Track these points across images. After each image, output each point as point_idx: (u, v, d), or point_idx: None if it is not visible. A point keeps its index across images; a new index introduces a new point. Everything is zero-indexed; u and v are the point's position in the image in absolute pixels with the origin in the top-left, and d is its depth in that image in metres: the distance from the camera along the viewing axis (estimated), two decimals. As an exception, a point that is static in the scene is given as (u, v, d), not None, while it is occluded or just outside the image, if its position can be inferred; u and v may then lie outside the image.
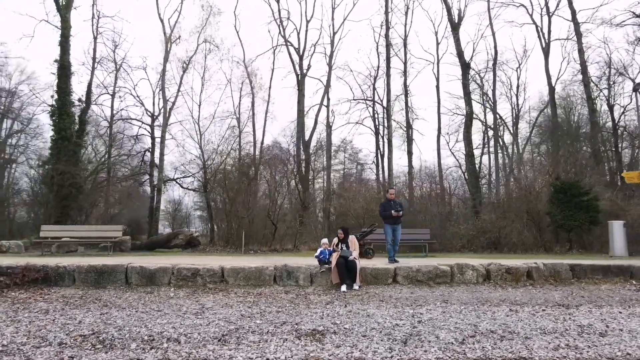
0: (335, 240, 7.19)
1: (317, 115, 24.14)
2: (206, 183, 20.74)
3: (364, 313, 4.86)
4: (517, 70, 25.89)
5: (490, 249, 14.15)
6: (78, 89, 21.22)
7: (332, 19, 24.47)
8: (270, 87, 24.78)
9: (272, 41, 29.88)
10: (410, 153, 23.97)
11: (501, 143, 25.83)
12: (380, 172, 25.40)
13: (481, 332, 4.09)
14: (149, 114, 23.19)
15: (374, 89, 25.46)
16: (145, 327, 4.18)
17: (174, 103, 23.22)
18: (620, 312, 4.97)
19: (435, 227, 15.10)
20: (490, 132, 25.21)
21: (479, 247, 14.36)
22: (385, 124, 23.77)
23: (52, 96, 18.72)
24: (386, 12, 22.48)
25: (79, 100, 19.78)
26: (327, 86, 24.26)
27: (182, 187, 22.57)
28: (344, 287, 6.39)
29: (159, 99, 23.03)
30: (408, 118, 24.37)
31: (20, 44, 27.25)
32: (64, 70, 17.66)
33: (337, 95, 25.87)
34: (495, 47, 23.02)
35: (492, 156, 25.77)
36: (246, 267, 6.84)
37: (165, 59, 22.63)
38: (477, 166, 21.57)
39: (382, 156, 25.00)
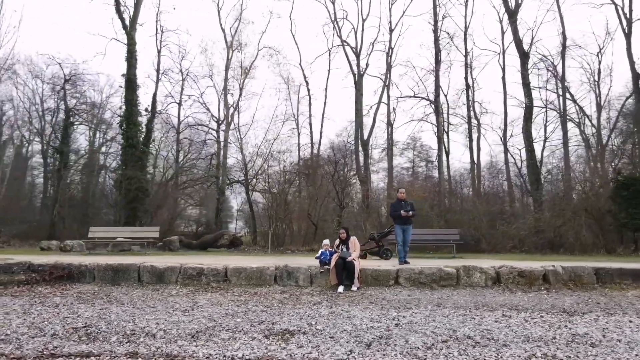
0: (337, 241, 7.26)
1: (375, 114, 24.17)
2: (247, 185, 21.67)
3: (346, 314, 4.92)
4: (598, 56, 23.72)
5: (545, 250, 13.34)
6: (145, 100, 23.31)
7: (390, 15, 24.41)
8: (326, 89, 25.45)
9: (327, 43, 30.68)
10: (471, 149, 23.24)
11: (580, 134, 23.89)
12: (445, 169, 24.83)
13: (456, 338, 4.00)
14: (215, 119, 24.46)
15: (437, 84, 24.59)
16: (133, 322, 4.56)
17: (236, 108, 24.36)
18: (631, 321, 4.58)
19: (483, 227, 14.51)
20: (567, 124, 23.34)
21: (532, 248, 13.59)
22: (445, 120, 23.26)
23: (120, 107, 20.72)
24: (434, 7, 22.18)
25: (146, 110, 21.54)
26: (386, 84, 24.22)
27: (247, 188, 23.56)
28: (340, 288, 6.45)
29: (223, 104, 24.31)
30: (470, 113, 23.56)
31: (94, 61, 30.38)
32: (130, 83, 19.33)
33: (402, 92, 25.79)
34: (563, 32, 21.37)
35: (554, 149, 24.18)
36: (247, 267, 7.13)
37: (227, 66, 23.92)
38: (537, 161, 20.27)
39: (447, 153, 24.53)
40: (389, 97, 24.59)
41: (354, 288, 6.53)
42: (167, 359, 3.42)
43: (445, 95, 24.87)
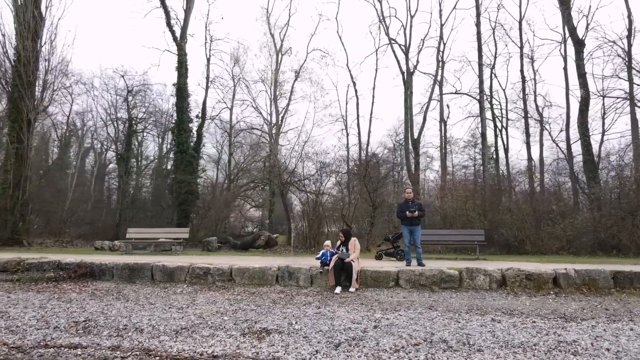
0: (338, 242, 7.33)
1: (425, 112, 24.17)
2: (282, 187, 22.22)
3: (330, 315, 5.01)
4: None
5: (596, 251, 12.61)
6: (196, 106, 24.63)
7: (440, 9, 24.26)
8: (374, 88, 25.80)
9: (374, 42, 31.03)
10: (528, 145, 22.47)
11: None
12: (503, 166, 24.18)
13: (430, 341, 3.98)
14: (267, 122, 25.46)
15: (492, 78, 23.93)
16: (129, 317, 4.94)
17: (286, 110, 25.27)
18: (633, 329, 4.30)
19: (527, 227, 13.89)
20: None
21: (581, 249, 12.89)
22: (503, 115, 22.57)
23: (171, 115, 22.19)
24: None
25: (196, 116, 22.93)
26: (439, 80, 24.02)
27: (299, 189, 24.25)
28: (338, 289, 6.54)
29: (273, 107, 25.29)
30: (526, 107, 22.76)
31: (150, 72, 32.92)
32: (180, 91, 20.69)
33: (456, 88, 25.27)
34: (629, 15, 19.89)
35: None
36: (250, 267, 7.40)
37: (277, 70, 24.86)
38: (594, 156, 19.06)
39: (506, 150, 23.88)
40: (441, 93, 24.26)
41: (351, 289, 6.59)
42: (143, 352, 3.71)
43: (504, 90, 23.96)
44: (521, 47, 22.36)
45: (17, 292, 6.71)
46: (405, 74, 23.14)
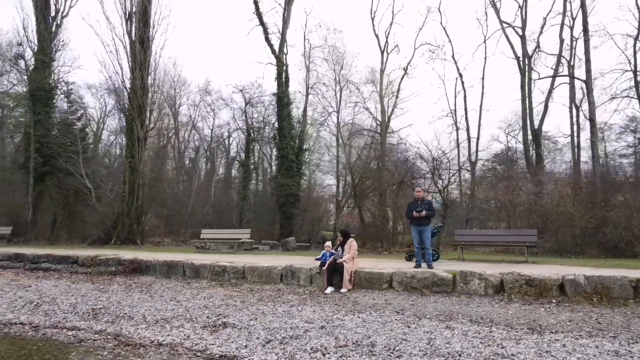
0: (337, 242, 7.58)
1: (547, 99, 22.65)
2: (355, 187, 22.98)
3: (294, 314, 5.43)
4: None
5: None
6: (297, 113, 26.94)
7: None
8: (483, 78, 24.81)
9: (483, 29, 29.86)
10: None
11: None
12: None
13: (358, 344, 4.20)
14: (378, 122, 26.18)
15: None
16: (132, 307, 6.00)
17: (392, 110, 25.93)
18: (599, 347, 3.85)
19: (635, 226, 12.26)
20: None
21: None
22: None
23: (273, 123, 24.73)
24: None
25: (297, 121, 25.20)
26: (569, 60, 22.35)
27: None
28: (328, 290, 6.84)
29: (380, 108, 25.91)
30: None
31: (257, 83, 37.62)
32: (280, 100, 23.00)
33: (595, 67, 22.74)
34: None
35: None
36: (259, 266, 8.09)
37: (382, 70, 25.50)
38: None
39: None
40: (572, 73, 22.14)
41: (343, 290, 6.82)
42: (113, 337, 4.62)
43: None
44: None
45: (79, 282, 8.42)
46: (521, 58, 21.79)
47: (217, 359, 3.84)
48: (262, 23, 23.77)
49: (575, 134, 23.04)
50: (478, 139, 24.97)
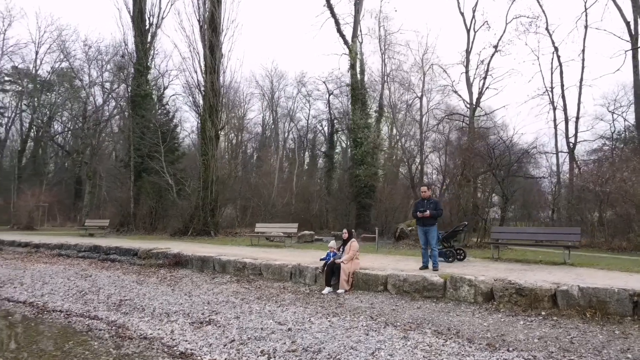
0: (341, 241, 7.84)
1: None
2: (412, 178, 22.88)
3: (275, 314, 5.93)
4: None
5: None
6: (374, 102, 27.58)
7: None
8: (583, 51, 22.95)
9: None
10: None
11: None
12: None
13: (307, 350, 4.54)
14: (468, 104, 25.40)
15: None
16: (151, 299, 7.03)
17: (481, 93, 24.78)
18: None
19: None
20: None
21: None
22: None
23: (346, 115, 25.78)
24: None
25: (375, 111, 26.18)
26: None
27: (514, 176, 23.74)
28: (325, 290, 7.19)
29: (467, 90, 25.14)
30: None
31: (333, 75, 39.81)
32: (353, 90, 24.11)
33: None
34: None
35: None
36: (273, 264, 8.69)
37: (468, 50, 24.74)
38: None
39: None
40: None
41: (339, 290, 7.11)
42: (117, 327, 5.52)
43: None
44: None
45: (128, 274, 9.89)
46: (631, 23, 19.79)
47: (177, 356, 4.48)
48: (333, 14, 24.22)
49: None
50: (577, 118, 22.70)
